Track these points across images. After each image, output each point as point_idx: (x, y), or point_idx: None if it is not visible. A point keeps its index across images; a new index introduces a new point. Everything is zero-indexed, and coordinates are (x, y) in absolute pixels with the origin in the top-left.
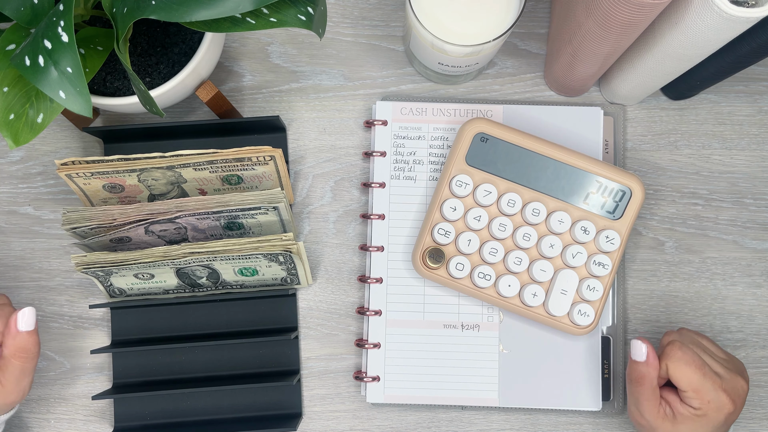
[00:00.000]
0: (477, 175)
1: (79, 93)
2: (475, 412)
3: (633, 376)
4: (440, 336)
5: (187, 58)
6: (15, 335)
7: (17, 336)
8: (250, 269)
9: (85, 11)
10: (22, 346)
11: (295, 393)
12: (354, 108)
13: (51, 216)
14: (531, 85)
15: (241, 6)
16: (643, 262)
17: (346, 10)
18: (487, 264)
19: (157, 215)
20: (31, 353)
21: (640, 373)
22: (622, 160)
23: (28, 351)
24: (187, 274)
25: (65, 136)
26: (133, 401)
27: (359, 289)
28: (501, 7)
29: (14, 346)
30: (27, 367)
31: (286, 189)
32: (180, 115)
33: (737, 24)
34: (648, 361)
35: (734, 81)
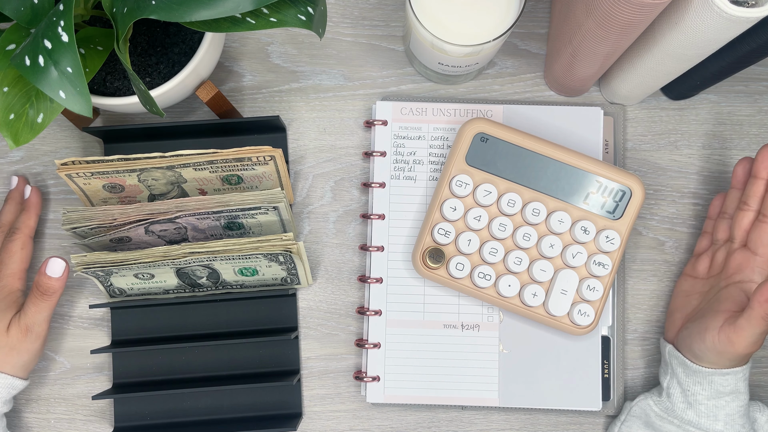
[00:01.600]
0: (477, 175)
1: (79, 93)
2: (475, 412)
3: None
4: (440, 336)
5: (187, 58)
6: (41, 274)
7: (42, 276)
8: (250, 269)
9: (85, 11)
10: (45, 287)
11: (295, 393)
12: (354, 108)
13: (51, 216)
14: (531, 85)
15: (241, 6)
16: (643, 262)
17: (346, 10)
18: (487, 264)
19: (157, 215)
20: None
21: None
22: (622, 160)
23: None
24: (187, 274)
25: (65, 136)
26: (133, 401)
27: (359, 289)
28: (501, 7)
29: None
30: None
31: (286, 189)
32: (180, 115)
33: (737, 24)
34: None
35: (734, 81)
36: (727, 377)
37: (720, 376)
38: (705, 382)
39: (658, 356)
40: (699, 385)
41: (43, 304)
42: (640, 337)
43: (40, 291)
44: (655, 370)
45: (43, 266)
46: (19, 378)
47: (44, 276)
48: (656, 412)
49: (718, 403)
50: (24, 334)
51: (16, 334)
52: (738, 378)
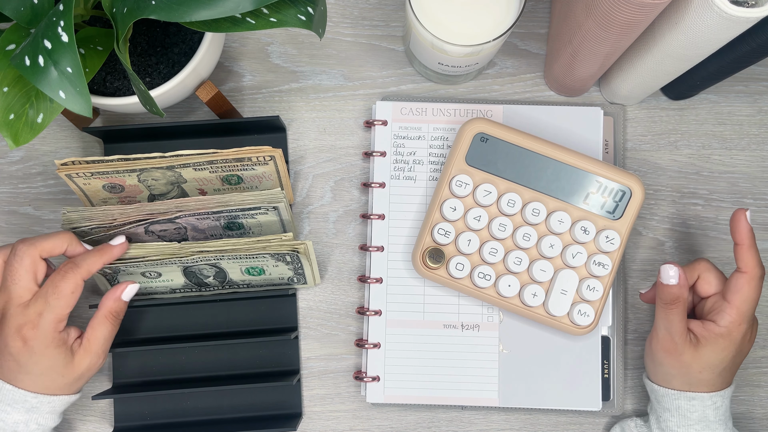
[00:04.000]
0: (477, 175)
1: (79, 93)
2: (475, 412)
3: (666, 299)
4: (440, 336)
5: (187, 58)
6: (117, 300)
7: (118, 301)
8: (257, 268)
9: (85, 11)
10: (118, 310)
11: (295, 393)
12: (354, 108)
13: (51, 216)
14: (531, 85)
15: (241, 6)
16: (643, 262)
17: (346, 10)
18: (487, 264)
19: (157, 215)
20: (119, 318)
21: (674, 295)
22: (622, 160)
23: (119, 316)
24: (194, 273)
25: (65, 136)
26: (133, 401)
27: (359, 289)
28: (501, 7)
29: (112, 308)
30: (113, 331)
31: (286, 189)
32: (180, 115)
33: (737, 24)
34: (680, 283)
35: (734, 81)
36: (692, 402)
37: (686, 401)
38: (672, 408)
39: None
40: (668, 412)
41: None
42: (640, 337)
43: (114, 315)
44: None
45: (117, 291)
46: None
47: (120, 301)
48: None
49: (689, 431)
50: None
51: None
52: (705, 405)
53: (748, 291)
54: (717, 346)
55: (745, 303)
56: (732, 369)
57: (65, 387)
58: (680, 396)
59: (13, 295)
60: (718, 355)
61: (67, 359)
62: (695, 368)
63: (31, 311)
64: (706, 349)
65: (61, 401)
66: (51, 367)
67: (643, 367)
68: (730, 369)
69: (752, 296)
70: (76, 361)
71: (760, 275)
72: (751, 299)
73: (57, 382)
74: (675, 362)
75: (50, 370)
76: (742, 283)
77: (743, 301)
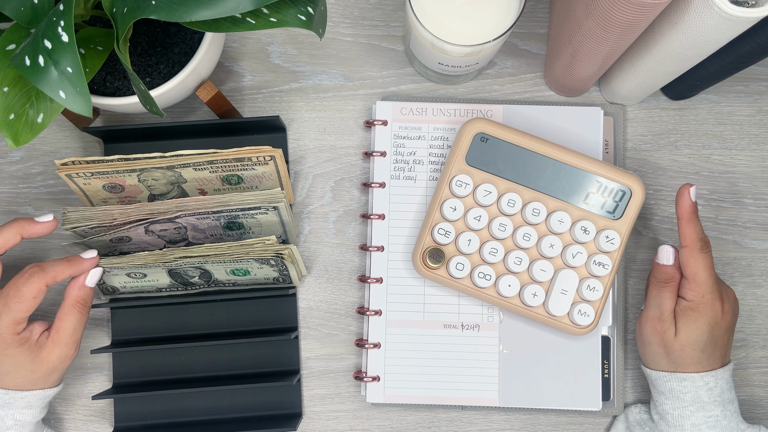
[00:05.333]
0: (477, 175)
1: (79, 93)
2: (475, 412)
3: (661, 278)
4: (440, 336)
5: (187, 58)
6: (81, 287)
7: (83, 288)
8: (242, 270)
9: (85, 11)
10: (84, 298)
11: (295, 393)
12: (354, 108)
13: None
14: (531, 85)
15: (241, 6)
16: (643, 262)
17: (346, 10)
18: (487, 264)
19: (157, 215)
20: (88, 306)
21: (668, 275)
22: (622, 160)
23: (87, 304)
24: (180, 273)
25: (65, 136)
26: (133, 401)
27: (359, 289)
28: (501, 7)
29: (78, 296)
30: (82, 320)
31: (286, 189)
32: (180, 115)
33: (737, 24)
34: (675, 265)
35: (734, 81)
36: (684, 383)
37: (677, 383)
38: (666, 391)
39: None
40: (662, 395)
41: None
42: None
43: (81, 304)
44: None
45: (80, 279)
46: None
47: (85, 288)
48: (637, 420)
49: (683, 412)
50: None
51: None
52: (697, 386)
53: (694, 263)
54: (689, 320)
55: (697, 275)
56: (716, 345)
57: (38, 381)
58: (671, 377)
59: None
60: (693, 329)
61: (32, 355)
62: (676, 346)
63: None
64: (680, 324)
65: (36, 396)
66: (16, 365)
67: None
68: (713, 345)
69: (700, 267)
70: (45, 355)
71: (699, 247)
72: (702, 270)
73: (27, 378)
74: (659, 340)
75: (17, 368)
76: (686, 256)
77: (695, 274)
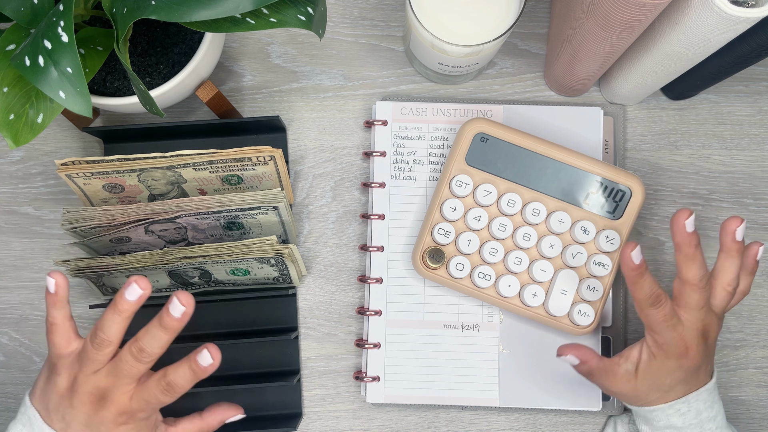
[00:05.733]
0: (477, 175)
1: (79, 93)
2: (475, 412)
3: (584, 374)
4: (440, 336)
5: (187, 58)
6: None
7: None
8: (242, 270)
9: (85, 11)
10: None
11: (295, 393)
12: (354, 108)
13: (51, 216)
14: (531, 85)
15: (241, 6)
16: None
17: (346, 10)
18: (487, 264)
19: (157, 215)
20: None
21: (585, 371)
22: (622, 160)
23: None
24: (179, 274)
25: (65, 136)
26: None
27: (359, 289)
28: (501, 7)
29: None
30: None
31: (286, 189)
32: (180, 115)
33: (737, 24)
34: (582, 361)
35: (734, 81)
36: (654, 413)
37: (647, 412)
38: (640, 414)
39: None
40: (639, 417)
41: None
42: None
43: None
44: None
45: (229, 413)
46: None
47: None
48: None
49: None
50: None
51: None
52: (668, 414)
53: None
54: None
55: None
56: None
57: None
58: (641, 409)
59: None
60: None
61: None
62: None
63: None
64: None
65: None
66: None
67: None
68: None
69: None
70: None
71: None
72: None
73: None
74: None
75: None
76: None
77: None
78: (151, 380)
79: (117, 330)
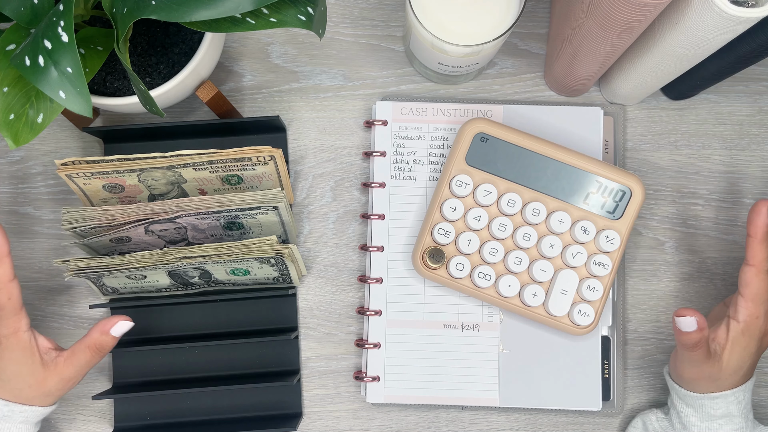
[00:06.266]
0: (477, 175)
1: (79, 93)
2: (475, 412)
3: (689, 344)
4: (440, 336)
5: (187, 58)
6: (104, 333)
7: (106, 335)
8: (242, 270)
9: (85, 11)
10: (104, 345)
11: (295, 393)
12: (354, 108)
13: (51, 216)
14: (531, 85)
15: (241, 6)
16: (643, 262)
17: (346, 10)
18: (487, 264)
19: (157, 215)
20: (104, 353)
21: (694, 340)
22: (622, 160)
23: (104, 350)
24: (179, 274)
25: (65, 136)
26: (133, 401)
27: (359, 289)
28: (501, 7)
29: (98, 341)
30: (93, 362)
31: (286, 189)
32: (180, 115)
33: (737, 24)
34: (700, 327)
35: (734, 81)
36: (716, 401)
37: (709, 401)
38: (696, 406)
39: (658, 356)
40: (691, 408)
41: (97, 359)
42: (640, 337)
43: (97, 348)
44: (655, 369)
45: (107, 324)
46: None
47: (108, 336)
48: (656, 428)
49: (711, 425)
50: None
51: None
52: (729, 401)
53: (757, 284)
54: (738, 347)
55: (758, 296)
56: (754, 364)
57: (35, 399)
58: (704, 397)
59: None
60: (741, 356)
61: (34, 367)
62: (723, 376)
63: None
64: (731, 355)
65: (34, 412)
66: (17, 374)
67: (644, 367)
68: (751, 366)
69: (763, 288)
70: (46, 376)
71: (767, 268)
72: (763, 291)
73: (25, 393)
74: (703, 379)
75: (17, 377)
76: (751, 276)
77: (756, 295)
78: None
79: None
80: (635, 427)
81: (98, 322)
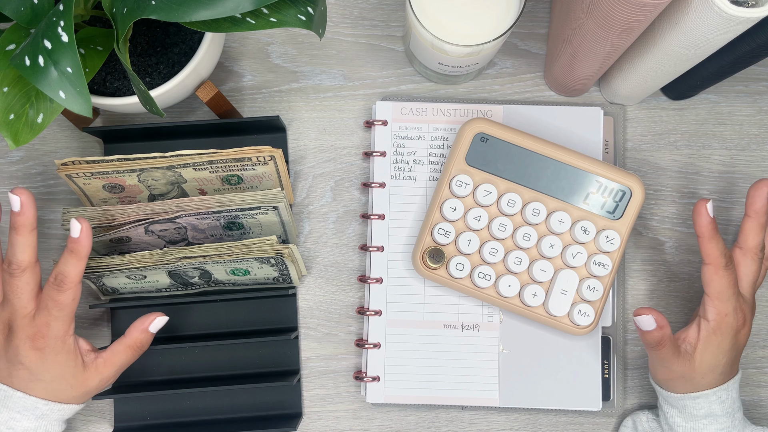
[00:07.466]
0: (477, 175)
1: (79, 93)
2: (475, 412)
3: (652, 343)
4: (440, 336)
5: (187, 58)
6: (144, 331)
7: (145, 333)
8: (242, 270)
9: (85, 11)
10: (143, 342)
11: (295, 393)
12: (354, 108)
13: (51, 216)
14: (531, 85)
15: (241, 6)
16: (643, 262)
17: (346, 10)
18: (487, 264)
19: (157, 215)
20: (141, 351)
21: (656, 339)
22: (622, 160)
23: (142, 349)
24: (179, 274)
25: (65, 136)
26: (133, 401)
27: (359, 289)
28: (501, 7)
29: (138, 339)
30: (132, 360)
31: (286, 189)
32: (180, 115)
33: (737, 24)
34: (659, 325)
35: (734, 81)
36: (698, 401)
37: (690, 401)
38: (679, 406)
39: None
40: (675, 409)
41: (135, 357)
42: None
43: (138, 346)
44: None
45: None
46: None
47: (147, 333)
48: (645, 428)
49: (696, 425)
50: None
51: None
52: (711, 401)
53: (718, 281)
54: (711, 346)
55: (721, 293)
56: (733, 362)
57: (74, 399)
58: (685, 397)
59: (17, 307)
60: (714, 355)
61: (77, 369)
62: (697, 376)
63: (38, 321)
64: (703, 354)
65: (70, 409)
66: (61, 375)
67: (644, 367)
68: (730, 363)
69: (725, 285)
70: (87, 377)
71: (724, 264)
72: (726, 288)
73: (66, 393)
74: (677, 379)
75: (60, 379)
76: (710, 274)
77: (719, 292)
78: (44, 288)
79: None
80: (626, 427)
81: (135, 321)
